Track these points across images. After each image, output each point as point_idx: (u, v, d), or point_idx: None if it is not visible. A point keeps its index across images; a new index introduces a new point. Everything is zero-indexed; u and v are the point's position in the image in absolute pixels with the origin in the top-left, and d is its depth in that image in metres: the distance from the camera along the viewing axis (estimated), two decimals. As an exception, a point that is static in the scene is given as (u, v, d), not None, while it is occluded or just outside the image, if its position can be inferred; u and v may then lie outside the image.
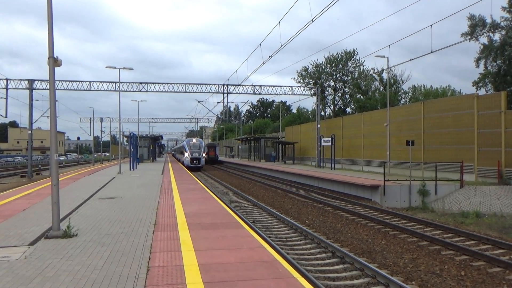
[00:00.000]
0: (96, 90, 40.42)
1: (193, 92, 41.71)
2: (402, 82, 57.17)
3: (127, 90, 40.84)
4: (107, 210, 12.91)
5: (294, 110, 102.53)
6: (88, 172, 35.00)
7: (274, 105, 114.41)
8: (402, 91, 58.50)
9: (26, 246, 8.30)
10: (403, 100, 58.52)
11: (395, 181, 21.64)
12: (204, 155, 50.00)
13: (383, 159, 28.85)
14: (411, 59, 30.04)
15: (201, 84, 42.04)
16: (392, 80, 55.02)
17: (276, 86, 42.48)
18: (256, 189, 28.03)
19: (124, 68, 32.86)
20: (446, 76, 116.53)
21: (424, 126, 26.32)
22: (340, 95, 63.53)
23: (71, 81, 39.98)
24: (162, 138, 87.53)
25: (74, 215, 11.97)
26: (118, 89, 34.59)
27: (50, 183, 9.34)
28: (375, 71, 58.32)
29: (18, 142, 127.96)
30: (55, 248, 8.13)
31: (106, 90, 40.49)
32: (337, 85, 62.25)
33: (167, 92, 41.50)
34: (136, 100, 54.87)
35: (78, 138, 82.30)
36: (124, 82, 40.73)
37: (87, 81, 40.40)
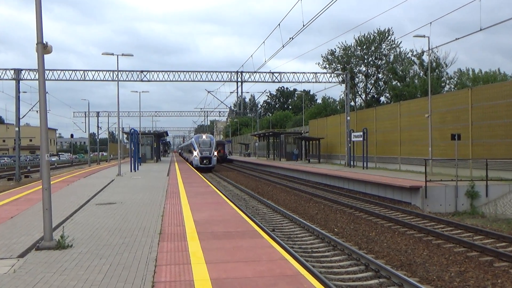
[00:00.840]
0: (91, 80, 40.84)
1: (202, 81, 41.87)
2: (446, 65, 56.49)
3: (127, 79, 41.18)
4: (106, 217, 13.06)
5: (319, 101, 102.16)
6: (83, 174, 35.47)
7: (296, 95, 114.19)
8: (446, 76, 57.83)
9: (15, 258, 8.44)
10: (447, 86, 57.83)
11: (439, 181, 21.42)
12: (215, 153, 50.24)
13: (424, 156, 28.56)
14: (456, 39, 29.57)
15: (211, 71, 42.18)
16: (434, 64, 54.39)
17: (298, 72, 42.38)
18: (276, 192, 28.06)
19: (122, 55, 33.13)
20: (497, 57, 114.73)
21: (472, 116, 25.96)
22: (373, 82, 63.06)
23: (62, 70, 40.50)
24: (167, 135, 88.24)
25: (69, 223, 12.15)
26: (117, 79, 34.90)
27: (41, 187, 9.48)
28: (414, 53, 57.74)
29: (4, 141, 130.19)
30: (47, 260, 8.25)
31: (103, 80, 40.91)
32: (369, 71, 61.80)
33: (171, 81, 41.76)
34: (136, 91, 55.06)
35: (72, 136, 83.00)
36: (123, 71, 41.09)
37: (81, 70, 40.85)
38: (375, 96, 64.62)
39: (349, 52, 60.91)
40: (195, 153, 49.05)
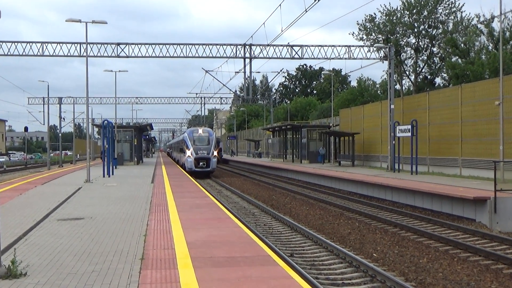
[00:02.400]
0: (52, 56, 41.05)
1: (198, 57, 41.91)
2: (524, 35, 56.03)
3: (98, 55, 41.36)
4: (71, 237, 13.14)
5: (354, 83, 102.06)
6: (41, 179, 35.66)
7: (323, 76, 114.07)
8: (524, 50, 57.37)
9: (-48, 291, 8.53)
10: (525, 63, 57.35)
11: (513, 191, 21.29)
12: (215, 153, 50.37)
13: (493, 157, 28.40)
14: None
15: (210, 44, 42.16)
16: (507, 33, 54.03)
17: (326, 46, 42.29)
18: (295, 205, 28.09)
19: (93, 22, 33.28)
20: None
21: (558, 105, 25.78)
22: (425, 58, 62.78)
23: (13, 42, 40.71)
24: (152, 129, 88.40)
25: (22, 244, 12.24)
26: (85, 54, 35.06)
27: (-14, 196, 9.56)
28: (481, 19, 57.39)
29: None
30: (-6, 294, 8.34)
31: (67, 56, 41.12)
32: (420, 43, 61.55)
33: (157, 57, 41.84)
34: (111, 70, 55.22)
35: (26, 129, 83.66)
36: (93, 43, 41.27)
37: (37, 42, 41.07)
38: (428, 77, 64.32)
39: (394, 18, 60.66)
40: (188, 153, 49.27)
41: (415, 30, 60.74)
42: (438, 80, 64.60)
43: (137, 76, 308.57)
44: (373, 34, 61.54)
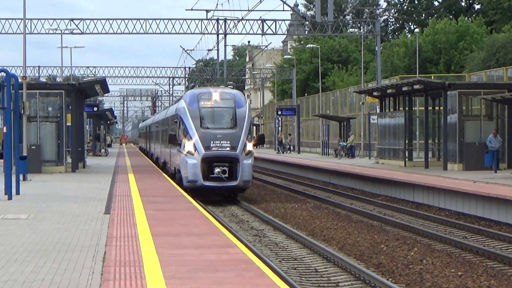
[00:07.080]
0: None
1: None
2: None
3: None
4: None
5: None
6: None
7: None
8: None
9: None
10: None
11: None
12: (250, 146, 48.78)
13: None
14: None
15: None
16: None
17: None
18: (433, 266, 27.63)
19: None
20: None
21: None
22: None
23: None
24: (107, 91, 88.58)
25: None
26: None
27: None
28: None
29: None
30: None
31: None
32: None
33: None
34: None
35: None
36: None
37: None
38: None
39: None
40: (188, 146, 48.46)
41: None
42: None
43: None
44: None
